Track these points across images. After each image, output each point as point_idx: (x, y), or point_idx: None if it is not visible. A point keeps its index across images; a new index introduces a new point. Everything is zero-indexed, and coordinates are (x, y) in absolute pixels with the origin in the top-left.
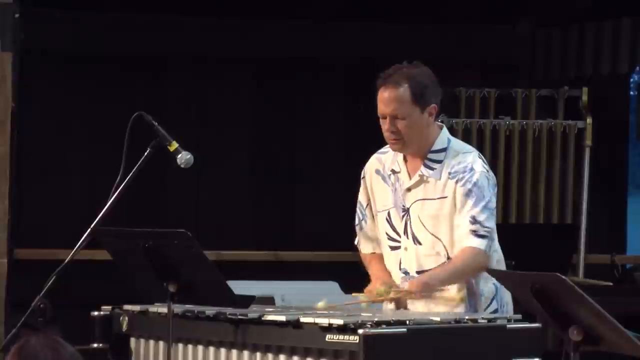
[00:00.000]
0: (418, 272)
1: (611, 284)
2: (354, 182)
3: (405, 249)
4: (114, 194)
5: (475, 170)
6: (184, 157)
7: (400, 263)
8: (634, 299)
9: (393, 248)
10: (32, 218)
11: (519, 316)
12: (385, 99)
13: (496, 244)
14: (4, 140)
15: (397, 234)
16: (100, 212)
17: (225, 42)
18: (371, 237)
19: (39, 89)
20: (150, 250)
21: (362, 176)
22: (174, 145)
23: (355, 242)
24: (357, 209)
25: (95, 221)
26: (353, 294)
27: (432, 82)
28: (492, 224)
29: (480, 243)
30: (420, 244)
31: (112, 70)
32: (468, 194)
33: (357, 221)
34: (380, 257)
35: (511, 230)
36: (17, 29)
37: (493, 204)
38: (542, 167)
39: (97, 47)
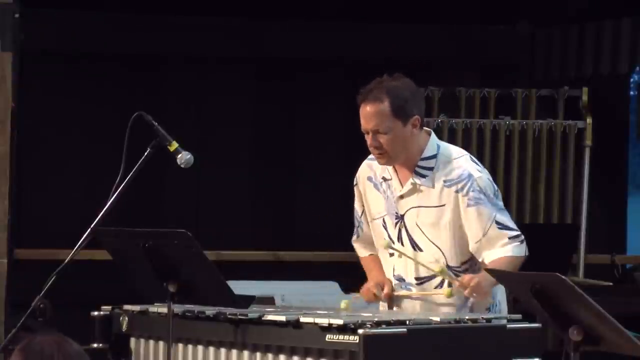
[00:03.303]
0: (416, 279)
1: (611, 284)
2: (353, 182)
3: (400, 255)
4: (114, 194)
5: (473, 176)
6: (184, 157)
7: (394, 270)
8: (634, 299)
9: (390, 255)
10: (32, 218)
11: (519, 316)
12: (367, 114)
13: None
14: (4, 140)
15: (392, 241)
16: (100, 212)
17: (226, 42)
18: (369, 243)
19: (39, 89)
20: (150, 250)
21: (354, 183)
22: (174, 145)
23: (353, 241)
24: (354, 216)
25: (95, 221)
26: (353, 295)
27: (413, 93)
28: (512, 222)
29: (520, 251)
30: (421, 250)
31: (112, 71)
32: (477, 202)
33: (354, 230)
34: (378, 259)
35: None
36: (17, 29)
37: (501, 202)
38: (542, 167)
39: (97, 47)
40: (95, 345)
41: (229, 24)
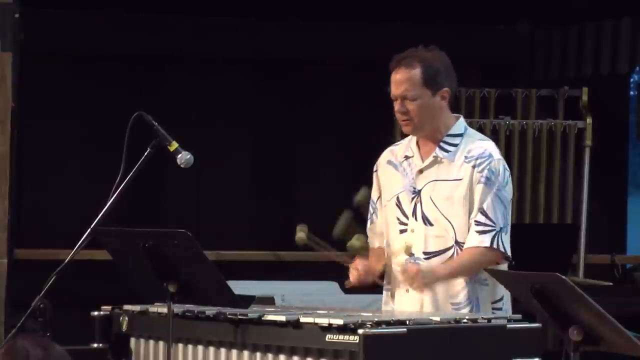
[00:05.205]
0: (425, 253)
1: (611, 284)
2: (354, 182)
3: (412, 230)
4: (114, 194)
5: (493, 157)
6: (184, 157)
7: None
8: (634, 299)
9: (402, 231)
10: (32, 218)
11: (519, 316)
12: (397, 80)
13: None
14: (4, 140)
15: (406, 216)
16: (100, 212)
17: (226, 42)
18: (379, 233)
19: (39, 89)
20: (150, 250)
21: (374, 170)
22: (174, 145)
23: (368, 229)
24: (370, 204)
25: (95, 221)
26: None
27: (445, 66)
28: (499, 215)
29: (481, 241)
30: (431, 224)
31: (112, 70)
32: (485, 182)
33: (369, 215)
34: (382, 251)
35: (511, 230)
36: (17, 29)
37: (507, 194)
38: (542, 167)
39: (97, 47)
40: (95, 345)
41: (229, 24)
